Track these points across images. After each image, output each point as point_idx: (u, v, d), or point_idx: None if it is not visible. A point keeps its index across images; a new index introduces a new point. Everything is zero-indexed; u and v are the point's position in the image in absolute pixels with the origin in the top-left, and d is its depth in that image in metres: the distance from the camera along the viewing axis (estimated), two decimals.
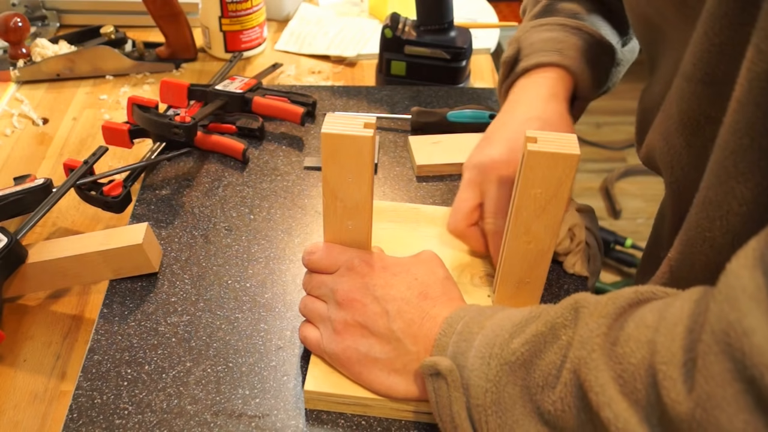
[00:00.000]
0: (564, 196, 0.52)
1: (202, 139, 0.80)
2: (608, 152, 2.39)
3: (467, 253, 0.66)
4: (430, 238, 0.67)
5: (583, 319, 0.41)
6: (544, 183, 0.51)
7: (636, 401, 0.36)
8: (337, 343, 0.52)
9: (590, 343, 0.39)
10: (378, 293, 0.52)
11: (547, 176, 0.51)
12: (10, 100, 0.94)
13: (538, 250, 0.56)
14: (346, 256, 0.54)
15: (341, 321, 0.52)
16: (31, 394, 0.58)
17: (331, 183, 0.52)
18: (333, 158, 0.50)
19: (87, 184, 0.70)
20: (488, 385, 0.44)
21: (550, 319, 0.43)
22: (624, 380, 0.36)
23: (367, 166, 0.51)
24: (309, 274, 0.57)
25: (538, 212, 0.53)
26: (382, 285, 0.52)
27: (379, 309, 0.51)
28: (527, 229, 0.55)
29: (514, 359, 0.43)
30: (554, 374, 0.41)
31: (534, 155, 0.50)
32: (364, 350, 0.51)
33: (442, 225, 0.67)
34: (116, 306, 0.62)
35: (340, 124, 0.50)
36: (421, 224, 0.68)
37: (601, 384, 0.37)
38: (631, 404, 0.36)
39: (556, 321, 0.43)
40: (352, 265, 0.54)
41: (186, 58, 1.02)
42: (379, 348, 0.51)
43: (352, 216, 0.54)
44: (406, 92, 0.91)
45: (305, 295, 0.57)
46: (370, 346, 0.51)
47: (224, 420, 0.53)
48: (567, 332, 0.42)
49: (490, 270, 0.64)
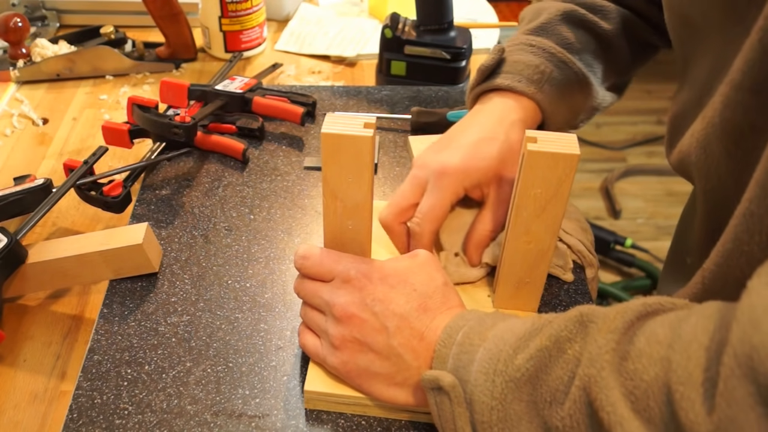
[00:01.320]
0: (564, 196, 0.52)
1: (202, 139, 0.80)
2: (608, 152, 2.39)
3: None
4: None
5: (591, 334, 0.40)
6: (544, 183, 0.51)
7: (649, 419, 0.35)
8: (336, 357, 0.52)
9: (600, 360, 0.38)
10: (377, 309, 0.51)
11: (547, 176, 0.51)
12: (10, 100, 0.94)
13: (538, 250, 0.56)
14: (342, 266, 0.53)
15: (339, 336, 0.51)
16: (31, 394, 0.58)
17: (331, 183, 0.52)
18: (333, 158, 0.50)
19: (87, 184, 0.70)
20: (494, 403, 0.43)
21: (555, 333, 0.42)
22: (636, 397, 0.36)
23: (367, 166, 0.51)
24: (301, 278, 0.55)
25: (538, 212, 0.53)
26: (380, 299, 0.51)
27: (378, 325, 0.50)
28: (527, 229, 0.54)
29: (519, 375, 0.43)
30: (562, 390, 0.41)
31: (534, 155, 0.50)
32: (364, 365, 0.51)
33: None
34: (116, 306, 0.62)
35: (340, 124, 0.49)
36: None
37: (612, 402, 0.37)
38: (644, 422, 0.35)
39: (560, 335, 0.42)
40: (348, 276, 0.52)
41: (186, 58, 1.02)
42: (379, 363, 0.51)
43: (352, 216, 0.54)
44: (406, 92, 0.91)
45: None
46: (370, 361, 0.51)
47: (224, 420, 0.53)
48: (573, 346, 0.41)
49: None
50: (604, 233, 1.96)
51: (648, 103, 2.61)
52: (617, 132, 2.47)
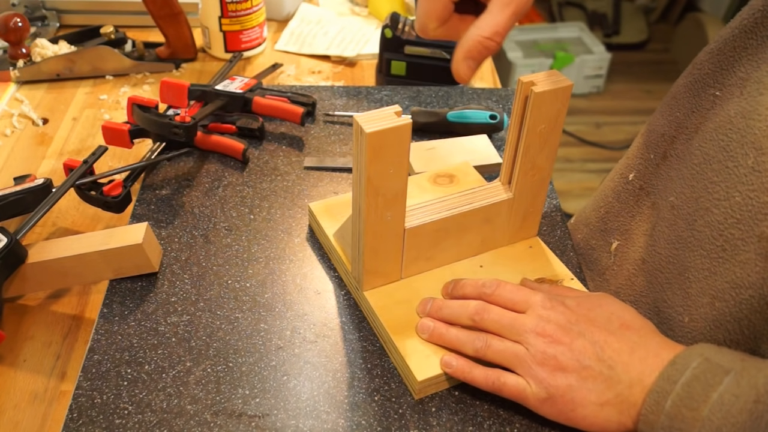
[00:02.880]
0: (560, 125, 0.58)
1: (202, 139, 0.80)
2: (608, 152, 2.39)
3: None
4: None
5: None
6: (547, 118, 0.56)
7: None
8: (546, 384, 0.51)
9: None
10: (581, 327, 0.52)
11: (549, 111, 0.56)
12: (10, 100, 0.94)
13: (540, 179, 0.61)
14: (540, 295, 0.54)
15: (552, 359, 0.51)
16: (31, 394, 0.58)
17: (375, 180, 0.52)
18: (377, 155, 0.51)
19: (87, 184, 0.70)
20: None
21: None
22: None
23: (405, 153, 0.52)
24: (483, 305, 0.55)
25: (541, 146, 0.59)
26: (584, 321, 0.52)
27: (587, 342, 0.51)
28: (533, 164, 0.60)
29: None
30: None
31: (540, 95, 0.54)
32: (577, 385, 0.51)
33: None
34: (116, 306, 0.62)
35: (376, 120, 0.50)
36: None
37: None
38: None
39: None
40: (549, 304, 0.54)
41: (186, 58, 1.02)
42: (592, 381, 0.50)
43: (391, 206, 0.55)
44: (406, 92, 0.91)
45: (470, 331, 0.55)
46: (583, 380, 0.51)
47: (224, 420, 0.53)
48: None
49: None
50: None
51: (648, 103, 2.61)
52: (617, 132, 2.47)
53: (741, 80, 0.54)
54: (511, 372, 0.53)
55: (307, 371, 0.57)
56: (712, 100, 0.57)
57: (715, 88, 0.57)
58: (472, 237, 0.63)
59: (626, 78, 2.71)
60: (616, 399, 0.50)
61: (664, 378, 0.48)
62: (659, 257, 0.59)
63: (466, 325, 0.56)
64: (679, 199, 0.57)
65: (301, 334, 0.60)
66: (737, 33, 0.55)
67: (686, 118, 0.60)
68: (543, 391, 0.51)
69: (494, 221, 0.63)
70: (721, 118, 0.54)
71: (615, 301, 0.55)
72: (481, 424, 0.54)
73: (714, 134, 0.55)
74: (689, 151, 0.58)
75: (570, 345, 0.51)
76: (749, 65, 0.53)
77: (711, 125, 0.56)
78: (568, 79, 0.55)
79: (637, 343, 0.51)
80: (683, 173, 0.57)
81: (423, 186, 0.70)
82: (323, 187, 0.76)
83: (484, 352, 0.53)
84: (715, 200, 0.53)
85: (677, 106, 0.61)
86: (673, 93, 0.63)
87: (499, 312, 0.54)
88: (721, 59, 0.57)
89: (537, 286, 0.60)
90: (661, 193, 0.61)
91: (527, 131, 0.57)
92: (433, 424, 0.53)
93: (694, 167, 0.56)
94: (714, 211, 0.53)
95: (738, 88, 0.54)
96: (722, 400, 0.44)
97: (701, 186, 0.55)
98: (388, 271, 0.60)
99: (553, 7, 2.92)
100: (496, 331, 0.54)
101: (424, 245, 0.60)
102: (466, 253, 0.64)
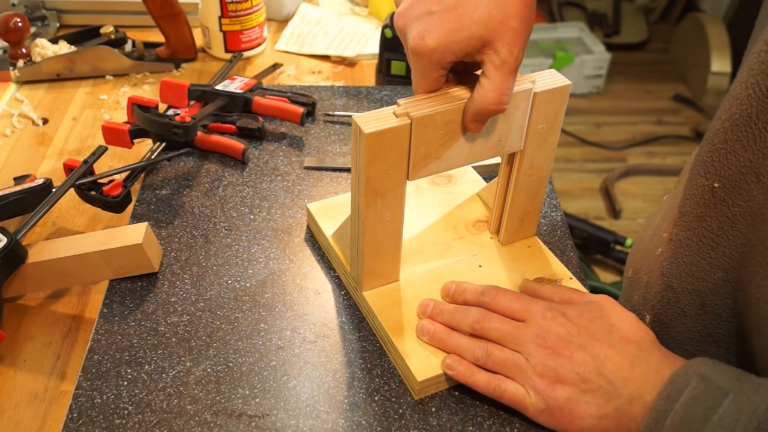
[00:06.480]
0: (559, 124, 0.57)
1: (202, 139, 0.80)
2: (608, 152, 2.39)
3: (449, 211, 0.69)
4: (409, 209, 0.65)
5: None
6: (546, 117, 0.56)
7: None
8: (545, 395, 0.51)
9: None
10: (582, 340, 0.52)
11: (548, 111, 0.56)
12: (10, 100, 0.94)
13: (539, 179, 0.61)
14: (540, 305, 0.55)
15: (552, 371, 0.51)
16: (31, 394, 0.58)
17: (374, 182, 0.52)
18: (376, 156, 0.50)
19: (87, 184, 0.70)
20: None
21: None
22: None
23: (404, 151, 0.51)
24: (484, 314, 0.55)
25: (540, 145, 0.58)
26: (584, 333, 0.52)
27: (587, 356, 0.51)
28: (531, 163, 0.59)
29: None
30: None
31: (540, 95, 0.54)
32: (576, 398, 0.51)
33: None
34: (116, 306, 0.62)
35: (374, 121, 0.49)
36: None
37: None
38: None
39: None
40: (550, 314, 0.54)
41: (186, 58, 1.02)
42: (591, 395, 0.50)
43: (390, 207, 0.55)
44: (406, 92, 0.91)
45: (470, 336, 0.56)
46: (582, 393, 0.51)
47: (224, 420, 0.53)
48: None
49: (478, 215, 0.68)
50: (604, 233, 1.95)
51: (648, 103, 2.61)
52: (617, 132, 2.47)
53: None
54: (512, 379, 0.53)
55: (307, 371, 0.57)
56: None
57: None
58: (487, 136, 0.56)
59: (626, 78, 2.71)
60: (615, 413, 0.50)
61: (663, 397, 0.48)
62: None
63: (467, 332, 0.56)
64: None
65: (301, 334, 0.60)
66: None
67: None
68: (542, 401, 0.51)
69: (511, 117, 0.55)
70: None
71: (614, 307, 0.55)
72: (481, 424, 0.54)
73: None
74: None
75: (570, 358, 0.51)
76: None
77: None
78: (566, 79, 0.56)
79: (638, 357, 0.51)
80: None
81: (421, 186, 0.71)
82: (323, 187, 0.76)
83: (485, 361, 0.54)
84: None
85: None
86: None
87: (499, 321, 0.54)
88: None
89: (538, 290, 0.59)
90: None
91: (528, 130, 0.57)
92: (433, 424, 0.53)
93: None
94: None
95: None
96: (722, 423, 0.44)
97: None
98: (387, 272, 0.60)
99: (553, 7, 2.92)
100: (497, 339, 0.54)
101: (433, 142, 0.53)
102: (480, 155, 0.56)
